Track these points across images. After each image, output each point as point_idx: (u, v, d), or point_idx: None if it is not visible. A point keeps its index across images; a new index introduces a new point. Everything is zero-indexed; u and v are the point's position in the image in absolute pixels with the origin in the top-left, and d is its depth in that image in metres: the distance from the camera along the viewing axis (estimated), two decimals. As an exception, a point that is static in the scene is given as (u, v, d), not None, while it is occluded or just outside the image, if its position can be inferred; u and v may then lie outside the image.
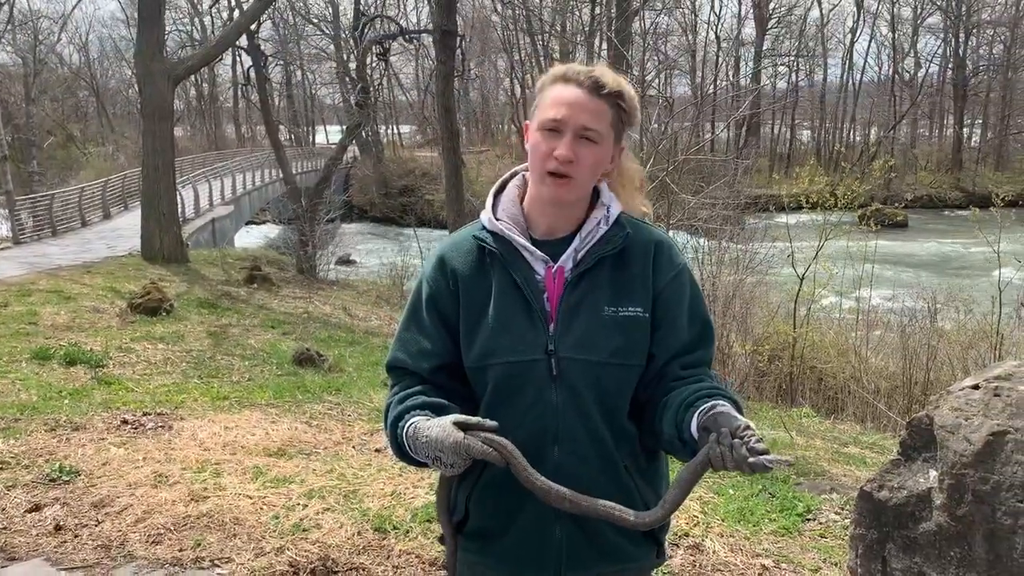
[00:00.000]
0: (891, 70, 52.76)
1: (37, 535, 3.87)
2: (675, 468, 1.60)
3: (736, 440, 1.36)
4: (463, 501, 1.71)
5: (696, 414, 1.48)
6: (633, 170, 1.78)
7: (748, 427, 1.38)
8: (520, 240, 1.66)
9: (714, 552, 3.67)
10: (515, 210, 1.70)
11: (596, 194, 1.71)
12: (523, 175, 1.75)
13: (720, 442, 1.38)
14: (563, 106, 1.60)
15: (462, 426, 1.52)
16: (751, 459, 1.33)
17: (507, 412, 1.62)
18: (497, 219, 1.69)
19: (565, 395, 1.61)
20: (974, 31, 51.18)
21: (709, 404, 1.48)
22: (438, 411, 1.60)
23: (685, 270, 1.70)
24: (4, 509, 4.16)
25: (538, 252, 1.65)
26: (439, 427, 1.52)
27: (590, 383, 1.61)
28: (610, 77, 1.62)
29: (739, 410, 1.49)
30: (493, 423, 1.54)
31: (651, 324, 1.65)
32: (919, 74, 52.66)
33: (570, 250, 1.66)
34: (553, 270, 1.65)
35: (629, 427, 1.66)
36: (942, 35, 51.37)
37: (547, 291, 1.64)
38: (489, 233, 1.68)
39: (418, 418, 1.58)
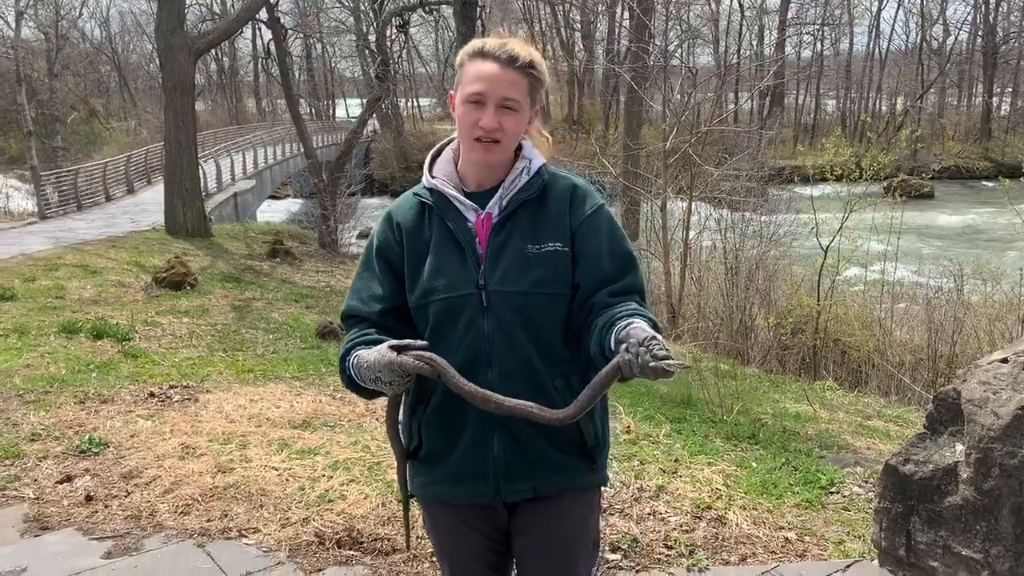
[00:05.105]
0: (919, 38, 51.82)
1: (69, 505, 3.96)
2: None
3: (642, 348, 1.53)
4: (416, 429, 1.92)
5: (614, 331, 1.66)
6: (540, 139, 1.99)
7: (654, 338, 1.55)
8: (453, 193, 1.88)
9: (737, 525, 3.67)
10: (449, 168, 1.93)
11: (519, 148, 1.92)
12: (458, 140, 1.95)
13: (628, 350, 1.55)
14: (483, 81, 1.79)
15: (396, 348, 1.71)
16: (652, 363, 1.50)
17: (446, 341, 1.83)
18: (433, 177, 1.91)
19: (495, 323, 1.82)
20: (1005, -4, 49.99)
21: (626, 322, 1.65)
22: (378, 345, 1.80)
23: (601, 210, 1.90)
24: (36, 480, 4.25)
25: (468, 202, 1.87)
26: (376, 352, 1.73)
27: (516, 311, 1.81)
28: (523, 50, 1.81)
29: (656, 328, 1.66)
30: (423, 342, 1.75)
31: (572, 258, 1.85)
32: (948, 41, 51.63)
33: (496, 197, 1.87)
34: (482, 216, 1.87)
35: (561, 351, 1.85)
36: (972, 1, 50.27)
37: (478, 235, 1.86)
38: (427, 190, 1.91)
39: (360, 350, 1.79)
